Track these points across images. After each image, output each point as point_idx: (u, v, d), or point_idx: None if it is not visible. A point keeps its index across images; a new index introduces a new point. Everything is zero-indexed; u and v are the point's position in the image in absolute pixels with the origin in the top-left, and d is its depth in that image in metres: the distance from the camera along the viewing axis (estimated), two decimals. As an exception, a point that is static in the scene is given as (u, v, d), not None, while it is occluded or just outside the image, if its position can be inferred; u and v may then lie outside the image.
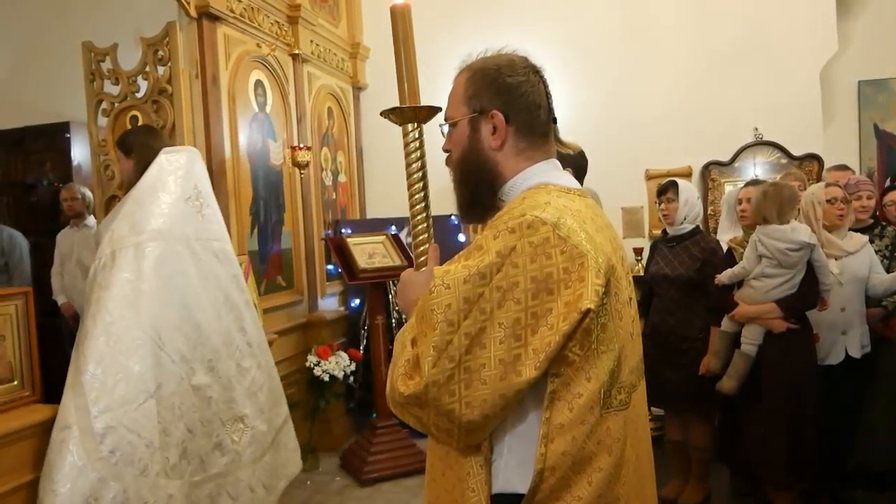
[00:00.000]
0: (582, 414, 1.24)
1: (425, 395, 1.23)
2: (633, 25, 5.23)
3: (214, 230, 3.08)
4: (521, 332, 1.20)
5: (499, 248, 1.23)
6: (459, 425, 1.23)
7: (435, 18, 5.42)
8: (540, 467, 1.24)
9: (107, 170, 3.97)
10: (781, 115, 4.96)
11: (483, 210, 1.44)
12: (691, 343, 3.56)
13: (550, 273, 1.21)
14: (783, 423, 3.12)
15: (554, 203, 1.29)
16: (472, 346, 1.21)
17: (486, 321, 1.21)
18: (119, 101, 3.93)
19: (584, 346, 1.24)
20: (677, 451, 3.80)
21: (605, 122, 5.22)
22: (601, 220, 1.38)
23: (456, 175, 1.48)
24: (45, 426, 2.48)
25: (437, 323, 1.22)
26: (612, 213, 4.96)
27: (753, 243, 3.22)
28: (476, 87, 1.43)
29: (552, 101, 1.46)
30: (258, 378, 3.13)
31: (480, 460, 1.29)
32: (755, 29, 5.01)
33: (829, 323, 3.31)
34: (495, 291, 1.21)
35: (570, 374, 1.24)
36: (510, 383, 1.20)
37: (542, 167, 1.42)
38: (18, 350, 2.47)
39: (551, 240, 1.22)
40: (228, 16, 3.98)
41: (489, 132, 1.41)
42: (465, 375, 1.21)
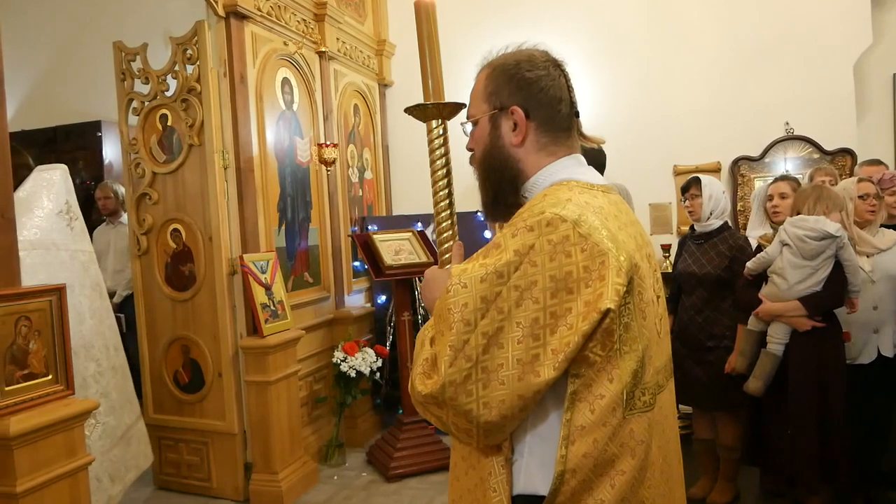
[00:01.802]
0: (604, 416, 1.21)
1: (442, 395, 1.21)
2: (660, 20, 5.17)
3: (81, 242, 3.28)
4: (540, 332, 1.18)
5: (517, 247, 1.21)
6: (478, 426, 1.22)
7: (461, 15, 5.42)
8: (560, 469, 1.21)
9: (137, 167, 4.03)
10: (813, 108, 4.87)
11: (506, 208, 1.41)
12: (719, 341, 3.52)
13: (570, 272, 1.18)
14: (812, 424, 3.06)
15: (576, 200, 1.27)
16: (490, 346, 1.19)
17: (504, 320, 1.19)
18: (149, 100, 3.99)
19: (605, 347, 1.21)
20: (706, 450, 3.76)
21: (632, 118, 5.17)
22: (625, 217, 1.35)
23: (479, 173, 1.46)
24: (79, 419, 2.54)
25: (454, 322, 1.20)
26: (640, 210, 4.91)
27: (780, 231, 3.18)
28: (496, 83, 1.41)
29: (574, 95, 1.43)
30: (112, 379, 3.29)
31: (501, 460, 1.28)
32: (786, 21, 4.92)
33: (860, 321, 3.25)
34: (513, 290, 1.19)
35: (591, 374, 1.21)
36: (528, 384, 1.18)
37: (564, 163, 1.40)
38: (53, 345, 2.52)
39: (571, 237, 1.19)
40: (256, 14, 4.01)
41: (510, 128, 1.39)
42: (482, 375, 1.19)
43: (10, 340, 2.37)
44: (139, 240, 4.07)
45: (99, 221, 5.57)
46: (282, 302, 4.02)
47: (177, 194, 3.97)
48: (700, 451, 3.80)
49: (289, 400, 3.99)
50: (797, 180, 3.75)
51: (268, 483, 3.84)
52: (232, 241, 3.92)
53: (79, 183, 6.16)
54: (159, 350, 4.09)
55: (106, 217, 5.44)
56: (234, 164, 3.90)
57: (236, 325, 3.92)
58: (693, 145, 5.09)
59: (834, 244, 3.03)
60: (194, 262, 3.94)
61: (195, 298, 3.95)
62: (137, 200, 4.06)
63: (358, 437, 4.81)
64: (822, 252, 3.04)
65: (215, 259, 3.86)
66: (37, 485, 2.35)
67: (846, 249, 3.06)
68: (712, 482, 3.73)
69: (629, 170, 4.86)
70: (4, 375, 2.34)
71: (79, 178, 6.18)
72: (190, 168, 3.91)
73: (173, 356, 4.06)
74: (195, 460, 4.03)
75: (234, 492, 3.94)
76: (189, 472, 4.06)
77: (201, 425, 3.99)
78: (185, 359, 4.03)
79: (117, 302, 5.29)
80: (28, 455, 2.34)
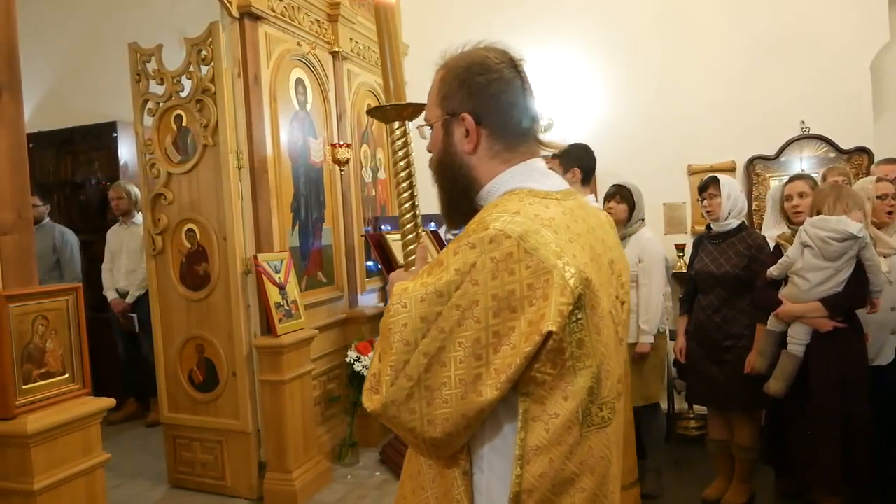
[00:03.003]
0: (559, 434, 1.18)
1: (385, 413, 1.20)
2: (674, 18, 5.14)
3: None
4: (482, 352, 1.16)
5: (458, 266, 1.17)
6: (424, 441, 1.21)
7: (474, 14, 5.42)
8: (516, 490, 1.19)
9: (152, 168, 4.06)
10: (829, 107, 4.83)
11: (462, 216, 1.37)
12: (737, 340, 3.50)
13: (513, 290, 1.15)
14: (834, 425, 3.03)
15: (524, 212, 1.22)
16: (432, 365, 1.17)
17: (446, 340, 1.17)
18: (164, 101, 4.01)
19: (556, 365, 1.17)
20: (721, 451, 3.74)
21: (646, 118, 5.14)
22: (581, 225, 1.29)
23: (435, 179, 1.43)
24: (95, 418, 2.56)
25: (395, 342, 1.19)
26: (654, 209, 4.88)
27: (800, 232, 3.15)
28: (448, 87, 1.36)
29: (532, 98, 1.38)
30: None
31: (459, 472, 1.27)
32: (802, 19, 4.88)
33: (878, 323, 3.22)
34: (454, 310, 1.16)
35: (542, 393, 1.18)
36: (471, 403, 1.16)
37: (518, 170, 1.34)
38: (69, 344, 2.54)
39: (515, 254, 1.15)
40: (270, 15, 4.03)
41: (462, 135, 1.34)
42: (426, 393, 1.18)
43: (28, 339, 2.39)
44: (154, 239, 4.09)
45: (113, 222, 5.62)
46: (295, 301, 4.03)
47: (191, 194, 3.99)
48: (715, 451, 3.77)
49: (302, 399, 4.00)
50: (814, 178, 3.72)
51: (282, 482, 3.85)
52: (246, 241, 3.93)
53: (94, 183, 6.23)
54: (174, 349, 4.11)
55: (119, 217, 5.48)
56: (248, 164, 3.92)
57: (250, 325, 3.94)
58: (708, 144, 5.06)
59: (856, 245, 2.99)
60: (209, 261, 3.96)
61: (210, 298, 3.97)
62: (152, 200, 4.08)
63: (371, 437, 4.82)
64: (844, 253, 3.01)
65: (229, 259, 3.88)
66: (54, 482, 2.37)
67: (868, 249, 3.01)
68: (727, 483, 3.70)
69: (643, 169, 4.85)
70: (22, 374, 2.36)
71: (94, 178, 6.24)
72: (204, 168, 3.92)
73: (188, 355, 4.08)
74: (209, 459, 4.05)
75: (249, 490, 3.95)
76: (203, 470, 4.08)
77: (216, 424, 4.01)
78: (199, 358, 4.05)
79: (130, 302, 5.33)
80: (45, 453, 2.36)
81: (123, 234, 5.44)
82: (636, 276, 3.77)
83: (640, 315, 3.75)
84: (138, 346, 5.33)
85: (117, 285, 5.40)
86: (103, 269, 5.50)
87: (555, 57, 5.33)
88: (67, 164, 6.34)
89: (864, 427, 3.05)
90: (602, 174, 5.22)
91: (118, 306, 5.34)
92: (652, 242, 3.87)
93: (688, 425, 4.75)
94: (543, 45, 5.35)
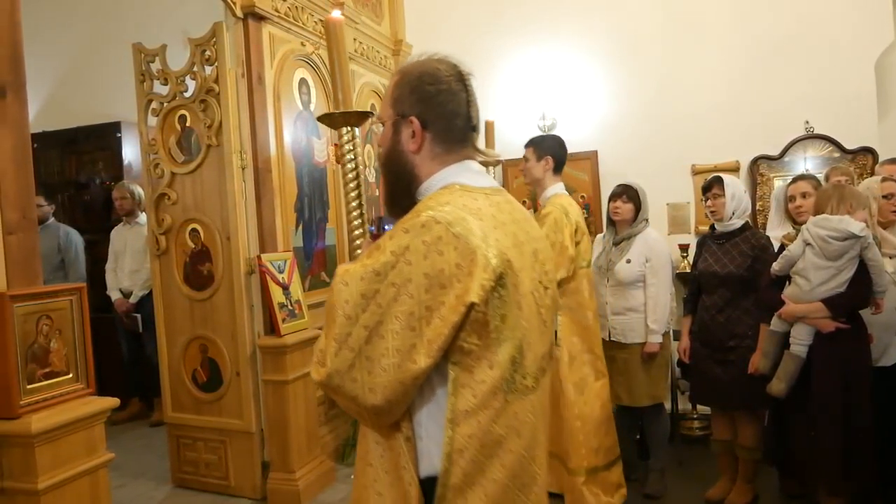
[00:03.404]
0: (486, 399, 1.33)
1: (329, 383, 1.34)
2: (678, 18, 5.13)
3: None
4: (416, 324, 1.29)
5: (393, 248, 1.31)
6: (366, 409, 1.33)
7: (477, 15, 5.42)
8: (448, 450, 1.32)
9: (156, 168, 4.06)
10: (834, 107, 4.81)
11: (401, 209, 1.48)
12: (741, 340, 3.49)
13: (442, 269, 1.29)
14: (835, 426, 3.02)
15: (454, 202, 1.37)
16: (372, 337, 1.30)
17: (384, 314, 1.30)
18: (168, 101, 4.02)
19: (482, 337, 1.32)
20: (724, 451, 3.73)
21: (649, 118, 5.13)
22: (506, 216, 1.44)
23: (381, 172, 1.60)
24: (99, 418, 2.56)
25: (338, 317, 1.33)
26: (658, 209, 4.87)
27: (803, 230, 3.14)
28: (400, 91, 1.50)
29: (475, 110, 1.52)
30: None
31: (403, 439, 1.39)
32: (805, 18, 4.87)
33: (883, 323, 3.20)
34: (391, 287, 1.30)
35: (469, 362, 1.32)
36: (407, 371, 1.29)
37: (453, 169, 1.49)
38: (73, 344, 2.54)
39: (444, 238, 1.30)
40: (273, 15, 4.03)
41: (409, 136, 1.48)
42: (366, 363, 1.31)
43: (32, 339, 2.39)
44: (158, 239, 4.09)
45: (117, 222, 5.63)
46: (299, 301, 4.04)
47: (195, 194, 3.99)
48: (718, 452, 3.77)
49: (306, 399, 4.00)
50: (817, 178, 3.71)
51: (285, 482, 3.85)
52: (249, 241, 3.93)
53: (98, 183, 6.24)
54: (178, 349, 4.11)
55: (123, 217, 5.49)
56: (251, 164, 3.92)
57: (254, 325, 3.94)
58: (711, 144, 5.05)
59: (858, 244, 2.97)
60: (212, 261, 3.96)
61: (213, 298, 3.97)
62: (156, 200, 4.09)
63: (374, 437, 4.81)
64: (845, 253, 2.99)
65: (233, 259, 3.88)
66: (58, 482, 2.38)
67: (871, 249, 2.99)
68: (731, 483, 3.70)
69: (647, 169, 4.84)
70: (26, 374, 2.36)
71: (98, 178, 6.25)
72: (208, 168, 3.93)
73: (191, 355, 4.09)
74: (213, 459, 4.06)
75: (252, 490, 3.96)
76: (207, 470, 4.08)
77: (219, 424, 4.01)
78: (203, 358, 4.05)
79: (134, 301, 5.34)
80: (49, 452, 2.36)
81: (127, 234, 5.45)
82: (643, 276, 3.77)
83: (648, 314, 3.75)
84: (142, 346, 5.34)
85: (121, 285, 5.41)
86: (107, 269, 5.51)
87: (557, 57, 5.32)
88: (71, 165, 6.35)
89: (865, 428, 3.04)
90: (606, 174, 5.24)
91: (122, 306, 5.35)
92: (658, 242, 3.87)
93: (691, 425, 4.75)
94: (545, 45, 5.34)
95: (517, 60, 5.42)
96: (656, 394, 3.84)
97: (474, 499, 1.34)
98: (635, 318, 3.79)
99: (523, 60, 5.41)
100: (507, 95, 5.41)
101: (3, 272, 2.36)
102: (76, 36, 6.34)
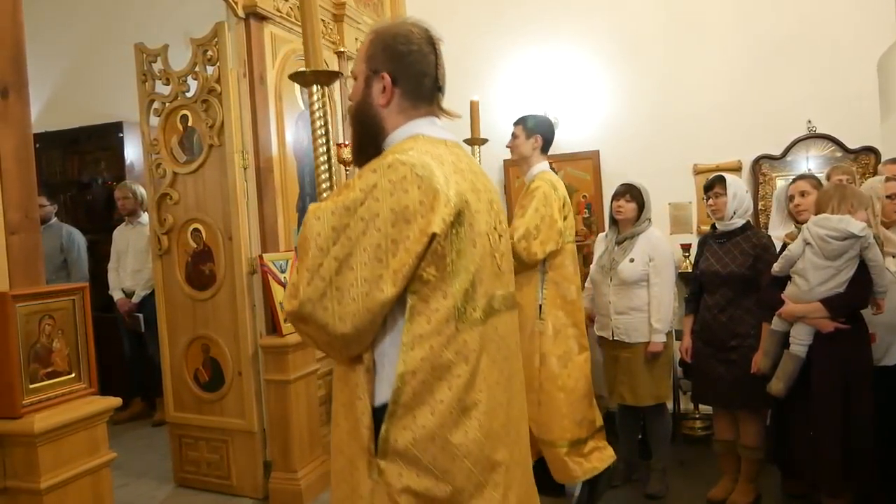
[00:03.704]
0: (439, 326, 1.45)
1: (302, 311, 1.43)
2: (679, 17, 5.12)
3: None
4: (383, 256, 1.40)
5: (362, 186, 1.43)
6: (335, 337, 1.43)
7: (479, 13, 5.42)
8: (402, 370, 1.44)
9: (158, 168, 4.07)
10: (836, 106, 4.80)
11: (367, 157, 1.59)
12: (743, 340, 3.49)
13: (407, 205, 1.40)
14: (834, 427, 3.01)
15: (418, 148, 1.50)
16: (342, 268, 1.41)
17: (354, 246, 1.40)
18: (170, 101, 4.02)
19: (439, 268, 1.44)
20: (726, 451, 3.73)
21: (651, 117, 5.12)
22: (465, 166, 1.58)
23: (351, 123, 1.69)
24: (101, 417, 2.56)
25: (310, 249, 1.42)
26: (660, 209, 4.86)
27: (803, 230, 3.14)
28: (374, 49, 1.61)
29: (442, 72, 1.64)
30: None
31: (363, 370, 1.49)
32: (807, 17, 4.86)
33: (886, 323, 3.19)
34: (360, 221, 1.40)
35: (426, 292, 1.44)
36: (374, 299, 1.40)
37: (418, 122, 1.61)
38: (76, 344, 2.54)
39: (409, 177, 1.42)
40: (275, 15, 4.03)
41: (379, 91, 1.60)
42: (336, 293, 1.40)
43: (35, 339, 2.40)
44: (160, 239, 4.10)
45: (119, 221, 5.63)
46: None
47: (197, 194, 4.00)
48: (721, 451, 3.76)
49: (307, 399, 4.00)
50: (817, 178, 3.71)
51: (287, 481, 3.85)
52: (251, 241, 3.93)
53: (101, 183, 6.25)
54: (180, 349, 4.12)
55: (125, 217, 5.50)
56: (253, 164, 3.92)
57: (256, 324, 3.94)
58: (713, 144, 5.04)
59: (858, 244, 2.96)
60: (214, 261, 3.97)
61: (215, 298, 3.97)
62: (158, 200, 4.09)
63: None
64: (844, 252, 2.98)
65: (235, 258, 3.88)
66: (60, 481, 2.38)
67: (871, 249, 2.98)
68: (733, 483, 3.69)
69: (649, 169, 4.83)
70: (29, 373, 2.36)
71: (100, 178, 6.26)
72: (210, 168, 3.93)
73: (193, 355, 4.09)
74: (215, 458, 4.06)
75: (254, 490, 3.96)
76: (209, 470, 4.09)
77: (221, 424, 4.02)
78: (205, 357, 4.06)
79: (136, 301, 5.35)
80: (52, 452, 2.37)
81: (129, 234, 5.45)
82: (647, 275, 3.77)
83: (651, 314, 3.75)
84: (144, 346, 5.35)
85: (123, 285, 5.42)
86: (109, 269, 5.51)
87: (559, 57, 5.32)
88: (74, 164, 6.36)
89: (866, 429, 3.03)
90: (607, 174, 5.23)
91: (124, 306, 5.36)
92: (662, 241, 3.88)
93: (693, 425, 4.74)
94: (547, 45, 5.34)
95: (519, 60, 5.41)
96: (659, 393, 3.84)
97: (422, 417, 1.45)
98: (639, 317, 3.78)
99: (525, 60, 5.40)
100: (508, 95, 5.41)
101: (6, 272, 2.36)
102: (78, 36, 6.34)
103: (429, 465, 1.46)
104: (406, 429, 1.45)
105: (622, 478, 4.00)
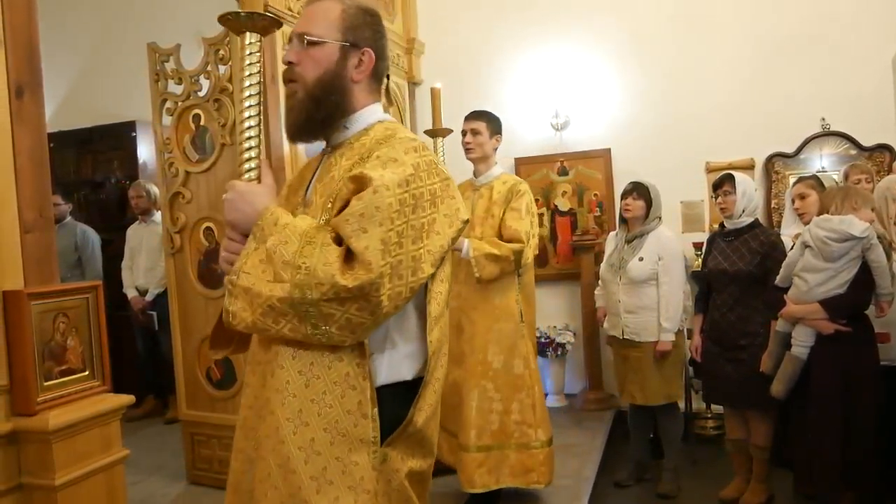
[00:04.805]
0: (442, 308, 1.51)
1: (370, 287, 1.30)
2: (690, 14, 5.10)
3: None
4: (423, 235, 1.39)
5: (413, 162, 1.41)
6: (377, 318, 1.35)
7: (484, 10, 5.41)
8: (433, 351, 1.47)
9: (171, 167, 4.09)
10: (850, 104, 4.77)
11: (322, 130, 1.59)
12: (753, 338, 3.47)
13: (435, 189, 1.43)
14: (834, 430, 2.97)
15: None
16: (401, 243, 1.37)
17: (405, 224, 1.37)
18: (182, 100, 4.04)
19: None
20: (738, 450, 3.71)
21: (664, 115, 5.11)
22: None
23: (308, 92, 1.53)
24: (115, 415, 2.58)
25: (384, 219, 1.33)
26: (672, 208, 4.84)
27: (804, 232, 3.11)
28: (353, 20, 1.55)
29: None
30: None
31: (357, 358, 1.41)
32: (821, 14, 4.83)
33: (899, 323, 3.17)
34: (411, 198, 1.38)
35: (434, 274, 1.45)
36: (417, 279, 1.39)
37: (379, 107, 1.62)
38: (90, 341, 2.56)
39: (432, 162, 1.45)
40: (287, 14, 4.04)
41: (354, 65, 1.55)
42: (391, 271, 1.35)
43: (49, 337, 2.42)
44: (173, 238, 4.12)
45: (132, 220, 5.67)
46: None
47: (209, 193, 4.01)
48: (732, 451, 3.75)
49: (319, 397, 4.01)
50: (818, 178, 3.70)
51: (298, 479, 3.86)
52: (263, 240, 3.94)
53: (114, 182, 6.29)
54: (192, 347, 4.13)
55: (138, 216, 5.53)
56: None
57: (267, 323, 3.94)
58: (726, 142, 5.02)
59: (859, 245, 2.91)
60: (226, 260, 3.97)
61: (227, 296, 3.98)
62: (171, 199, 4.11)
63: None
64: (844, 254, 2.94)
65: (247, 257, 3.89)
66: (74, 478, 2.39)
67: (873, 250, 2.92)
68: (745, 483, 3.68)
69: (660, 167, 4.81)
70: (43, 371, 2.39)
71: (114, 177, 6.30)
72: (222, 167, 3.94)
73: (206, 353, 4.10)
74: (227, 456, 4.03)
75: (266, 487, 3.97)
76: (221, 467, 4.10)
77: (234, 421, 3.98)
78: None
79: (149, 299, 5.38)
80: (66, 449, 2.38)
81: (143, 233, 5.49)
82: (656, 274, 3.76)
83: (660, 313, 3.73)
84: (157, 344, 5.38)
85: (136, 283, 5.45)
86: (123, 267, 5.55)
87: (569, 56, 5.30)
88: (87, 164, 6.40)
89: (866, 433, 2.98)
90: (619, 172, 5.21)
91: (137, 304, 5.39)
92: (671, 240, 3.86)
93: (705, 425, 4.72)
94: (557, 43, 5.33)
95: (530, 58, 5.40)
96: (670, 392, 3.83)
97: (430, 395, 1.51)
98: (648, 316, 3.77)
99: (536, 58, 5.39)
100: (520, 93, 5.40)
101: (21, 270, 2.38)
102: (91, 36, 6.39)
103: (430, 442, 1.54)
104: (422, 409, 1.48)
105: (633, 477, 3.99)
